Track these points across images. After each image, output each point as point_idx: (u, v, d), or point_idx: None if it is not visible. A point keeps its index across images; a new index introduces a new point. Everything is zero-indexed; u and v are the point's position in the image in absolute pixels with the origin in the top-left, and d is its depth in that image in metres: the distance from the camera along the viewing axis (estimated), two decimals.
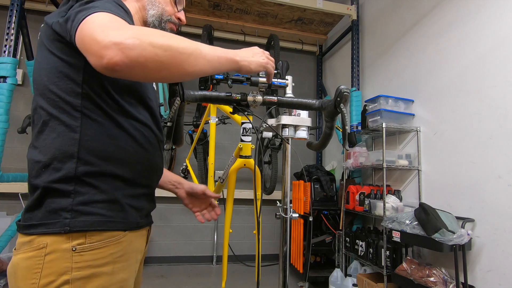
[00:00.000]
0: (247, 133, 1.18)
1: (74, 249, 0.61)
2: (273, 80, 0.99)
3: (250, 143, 1.07)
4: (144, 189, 0.75)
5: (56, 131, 0.65)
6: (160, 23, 0.82)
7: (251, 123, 0.91)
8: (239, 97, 0.77)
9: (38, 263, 0.60)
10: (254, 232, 0.99)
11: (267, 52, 0.79)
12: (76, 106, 0.65)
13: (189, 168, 2.57)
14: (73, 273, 0.60)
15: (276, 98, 0.79)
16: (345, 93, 0.71)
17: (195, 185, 1.03)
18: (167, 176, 1.02)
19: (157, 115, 0.82)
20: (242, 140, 1.13)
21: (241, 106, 0.79)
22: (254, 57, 0.74)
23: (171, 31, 0.84)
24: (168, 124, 0.66)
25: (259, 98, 0.77)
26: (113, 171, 0.67)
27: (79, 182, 0.63)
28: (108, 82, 0.68)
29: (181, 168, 2.71)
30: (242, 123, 1.10)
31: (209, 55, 0.63)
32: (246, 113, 0.79)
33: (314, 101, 0.77)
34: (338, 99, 0.72)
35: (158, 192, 3.22)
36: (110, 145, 0.67)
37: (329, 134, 0.82)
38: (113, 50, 0.51)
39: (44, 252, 0.60)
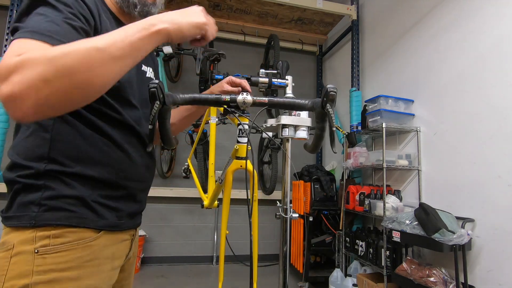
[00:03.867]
0: (243, 135, 1.18)
1: (36, 251, 0.57)
2: (273, 80, 0.99)
3: (247, 144, 1.06)
4: (121, 190, 0.70)
5: (29, 130, 0.63)
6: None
7: (242, 124, 0.90)
8: (228, 99, 0.76)
9: (5, 264, 0.57)
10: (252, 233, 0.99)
11: (206, 14, 0.67)
12: None
13: (191, 168, 2.57)
14: (34, 277, 0.56)
15: (267, 99, 0.78)
16: (331, 93, 0.68)
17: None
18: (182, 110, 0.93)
19: (146, 110, 0.76)
20: (238, 142, 1.13)
21: (231, 107, 0.78)
22: (186, 17, 0.61)
23: None
24: (149, 127, 0.64)
25: (249, 99, 0.76)
26: (86, 172, 0.64)
27: (50, 177, 0.61)
28: None
29: (183, 168, 2.71)
30: (238, 124, 1.10)
31: (118, 50, 0.50)
32: (237, 114, 0.78)
33: (306, 101, 0.75)
34: (325, 99, 0.69)
35: (158, 192, 3.23)
36: (83, 146, 0.64)
37: (320, 135, 0.79)
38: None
39: (10, 254, 0.57)
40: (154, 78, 0.82)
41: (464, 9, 1.94)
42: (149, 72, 0.83)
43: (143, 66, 0.80)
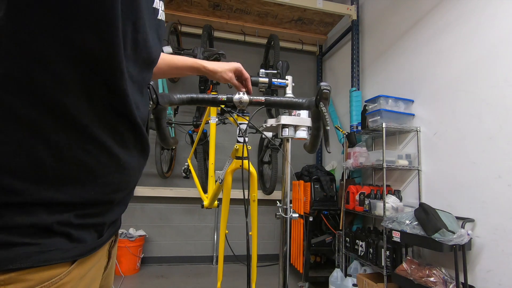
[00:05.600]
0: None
1: None
2: (273, 80, 0.99)
3: (247, 144, 1.06)
4: (104, 205, 0.48)
5: None
6: None
7: (238, 124, 0.90)
8: (225, 98, 0.76)
9: None
10: (250, 233, 0.99)
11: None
12: None
13: (191, 168, 2.57)
14: None
15: (263, 98, 0.78)
16: (324, 91, 0.66)
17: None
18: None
19: (146, 75, 0.53)
20: (238, 141, 1.13)
21: (228, 107, 0.78)
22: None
23: None
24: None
25: (246, 98, 0.76)
26: (50, 199, 0.40)
27: None
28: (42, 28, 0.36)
29: (183, 168, 2.71)
30: (238, 124, 1.10)
31: None
32: (233, 114, 0.79)
33: (303, 100, 0.74)
34: (318, 97, 0.67)
35: (158, 192, 3.23)
36: (44, 156, 0.39)
37: (317, 135, 0.79)
38: None
39: None
40: (163, 21, 0.56)
41: (464, 8, 1.94)
42: (161, 10, 0.54)
43: (155, 0, 0.52)
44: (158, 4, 0.52)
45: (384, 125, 2.15)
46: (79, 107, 0.41)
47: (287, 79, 0.99)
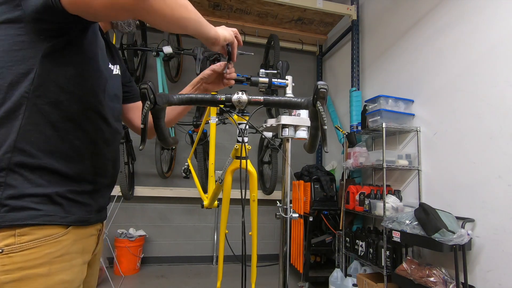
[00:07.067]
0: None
1: (1, 250, 0.55)
2: (273, 80, 0.99)
3: (247, 143, 1.06)
4: (90, 186, 0.70)
5: None
6: None
7: (237, 124, 0.90)
8: (224, 98, 0.76)
9: None
10: (250, 233, 0.99)
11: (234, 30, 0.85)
12: (23, 92, 0.59)
13: (191, 168, 2.57)
14: (0, 277, 0.55)
15: (262, 98, 0.77)
16: (321, 90, 0.65)
17: (207, 71, 0.94)
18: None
19: (116, 105, 0.79)
20: (238, 141, 1.13)
21: (227, 107, 0.78)
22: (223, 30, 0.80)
23: None
24: (141, 126, 0.66)
25: (244, 98, 0.76)
26: (53, 166, 0.62)
27: (11, 173, 0.58)
28: (68, 65, 0.63)
29: (183, 168, 2.71)
30: (238, 124, 1.10)
31: (187, 13, 0.64)
32: (233, 114, 0.79)
33: (301, 100, 0.74)
34: (315, 96, 0.67)
35: (158, 192, 3.22)
36: (54, 138, 0.62)
37: (315, 134, 0.78)
38: None
39: None
40: (120, 75, 0.86)
41: (464, 8, 1.94)
42: (116, 69, 0.84)
43: (110, 64, 0.81)
44: (113, 67, 0.82)
45: (384, 125, 2.15)
46: (81, 120, 0.67)
47: (287, 79, 0.99)
